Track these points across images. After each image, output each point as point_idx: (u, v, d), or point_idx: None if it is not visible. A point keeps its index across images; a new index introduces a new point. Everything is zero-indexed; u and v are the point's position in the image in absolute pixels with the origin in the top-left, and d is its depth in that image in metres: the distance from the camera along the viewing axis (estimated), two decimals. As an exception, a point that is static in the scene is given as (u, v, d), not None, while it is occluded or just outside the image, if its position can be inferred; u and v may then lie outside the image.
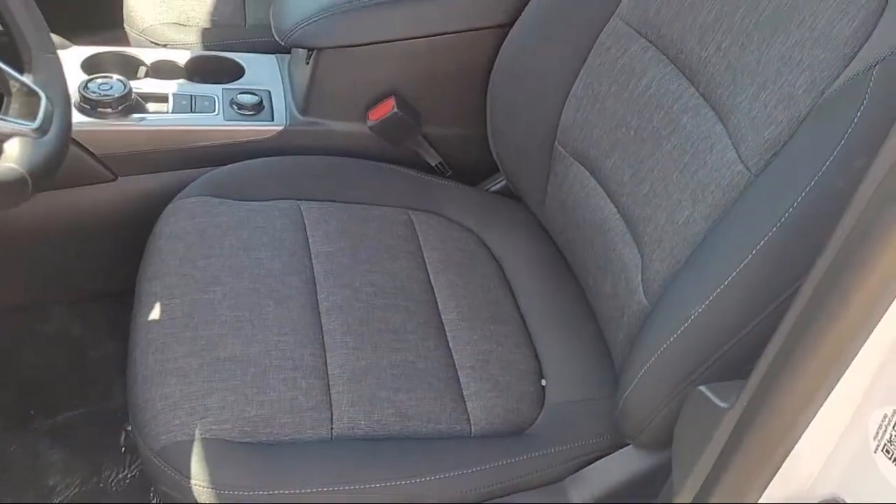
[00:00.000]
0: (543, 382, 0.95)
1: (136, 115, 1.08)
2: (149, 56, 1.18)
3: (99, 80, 1.08)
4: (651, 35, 0.91)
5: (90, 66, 1.14)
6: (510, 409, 0.90)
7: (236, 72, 1.21)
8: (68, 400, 1.19)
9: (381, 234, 1.04)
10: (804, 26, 0.73)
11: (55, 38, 1.15)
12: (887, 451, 0.53)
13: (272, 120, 1.14)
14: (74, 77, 1.09)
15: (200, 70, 1.20)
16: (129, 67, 1.17)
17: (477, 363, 0.93)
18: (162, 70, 1.17)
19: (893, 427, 0.53)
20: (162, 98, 1.12)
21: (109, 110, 1.06)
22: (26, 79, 0.74)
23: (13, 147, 0.69)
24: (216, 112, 1.12)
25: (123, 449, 1.17)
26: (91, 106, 1.06)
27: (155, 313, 0.87)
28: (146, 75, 1.16)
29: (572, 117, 1.00)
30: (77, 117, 1.05)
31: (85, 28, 1.65)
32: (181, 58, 1.20)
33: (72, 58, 1.14)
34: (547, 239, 1.11)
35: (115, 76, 1.09)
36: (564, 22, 1.01)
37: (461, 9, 1.11)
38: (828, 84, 0.70)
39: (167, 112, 1.10)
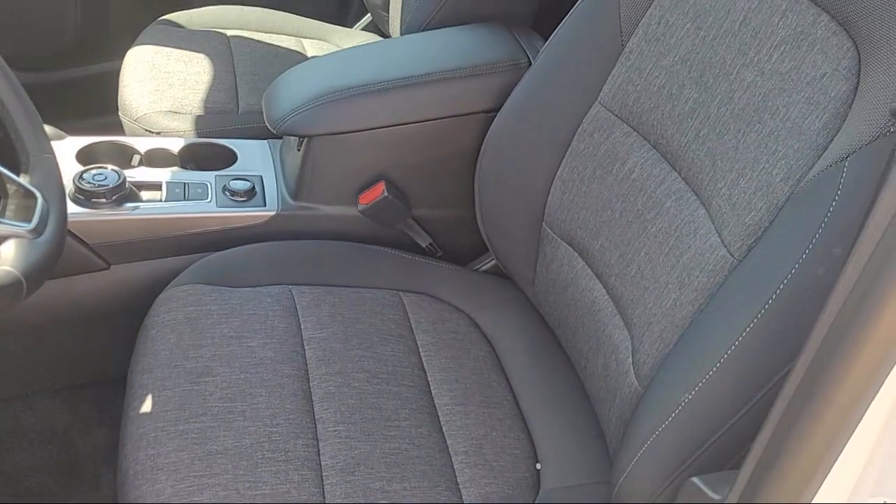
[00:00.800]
0: (538, 466, 0.94)
1: (129, 205, 1.09)
2: (143, 145, 1.21)
3: (94, 171, 1.09)
4: (632, 121, 0.94)
5: (85, 156, 1.16)
6: (505, 495, 0.90)
7: (229, 158, 1.23)
8: (56, 494, 1.17)
9: (372, 318, 1.04)
10: (778, 117, 0.76)
11: (50, 129, 1.18)
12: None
13: (264, 205, 1.16)
14: (69, 168, 1.11)
15: (194, 157, 1.22)
16: (124, 156, 1.19)
17: (471, 448, 0.93)
18: (156, 158, 1.20)
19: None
20: (156, 186, 1.14)
21: (103, 200, 1.08)
22: (23, 180, 0.76)
23: (9, 249, 0.70)
24: (209, 199, 1.14)
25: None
26: (85, 197, 1.07)
27: (146, 406, 0.87)
28: (140, 164, 1.19)
29: (559, 199, 1.03)
30: (71, 208, 1.06)
31: (80, 116, 1.70)
32: (175, 145, 1.22)
33: (67, 149, 1.16)
34: (538, 318, 1.11)
35: (110, 166, 1.11)
36: (548, 108, 1.04)
37: (448, 96, 1.15)
38: (803, 173, 0.72)
39: (161, 200, 1.12)
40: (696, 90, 0.86)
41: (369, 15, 1.75)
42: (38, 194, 0.74)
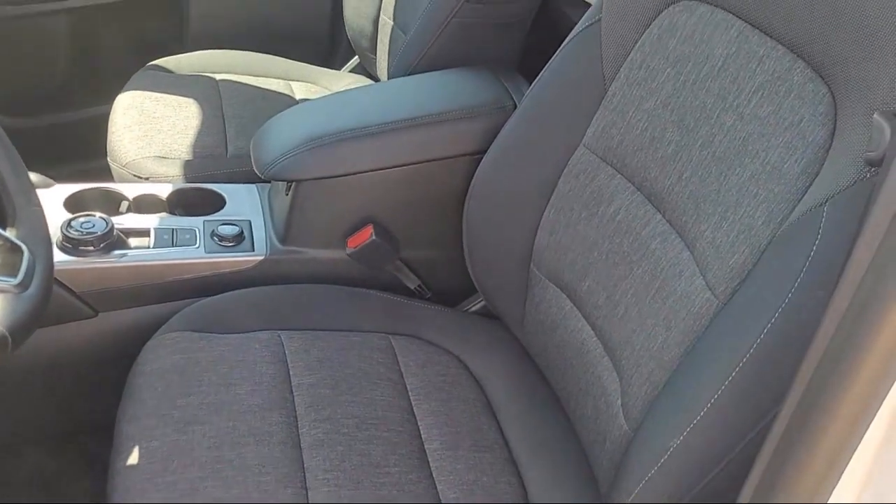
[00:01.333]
0: (530, 511, 0.94)
1: (117, 252, 1.09)
2: (131, 191, 1.21)
3: (81, 219, 1.10)
4: (616, 164, 0.95)
5: (73, 203, 1.16)
6: (497, 541, 0.89)
7: (217, 203, 1.23)
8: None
9: (361, 362, 1.04)
10: (758, 161, 0.77)
11: (38, 177, 1.19)
12: None
13: (253, 250, 1.16)
14: (57, 216, 1.11)
15: (182, 202, 1.23)
16: (112, 203, 1.20)
17: (461, 494, 0.92)
18: (144, 204, 1.20)
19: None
20: (144, 233, 1.14)
21: (91, 248, 1.08)
22: (9, 233, 0.76)
23: (-7, 303, 0.70)
24: (197, 245, 1.14)
25: None
26: (73, 245, 1.07)
27: (133, 457, 0.86)
28: (128, 210, 1.19)
29: (546, 240, 1.03)
30: (59, 256, 1.06)
31: (69, 161, 1.70)
32: (163, 191, 1.23)
33: (55, 196, 1.16)
34: (528, 359, 1.11)
35: (98, 214, 1.11)
36: (534, 150, 1.05)
37: (435, 139, 1.16)
38: (784, 216, 0.73)
39: (149, 247, 1.12)
40: (678, 133, 0.88)
41: (357, 57, 1.77)
42: (24, 248, 0.74)
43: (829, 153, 0.71)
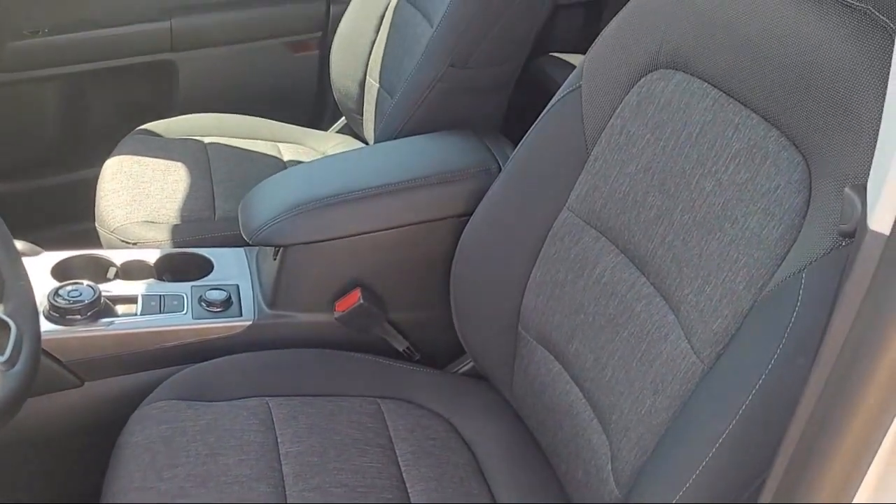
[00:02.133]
0: (522, 578, 0.92)
1: (104, 320, 1.09)
2: (118, 257, 1.21)
3: (69, 288, 1.10)
4: (600, 227, 0.97)
5: (60, 271, 1.16)
6: None
7: (205, 267, 1.24)
8: None
9: (350, 428, 1.04)
10: (737, 226, 0.79)
11: (25, 245, 1.19)
12: None
13: (240, 315, 1.16)
14: (44, 284, 1.11)
15: (170, 268, 1.23)
16: (100, 269, 1.20)
17: (453, 563, 0.91)
18: (132, 270, 1.20)
19: None
20: (131, 300, 1.14)
21: (78, 317, 1.07)
22: (-4, 309, 0.76)
23: (-21, 381, 0.69)
24: (185, 311, 1.14)
25: None
26: (60, 314, 1.07)
27: (119, 533, 0.85)
28: (116, 276, 1.19)
29: (533, 302, 1.04)
30: (45, 325, 1.06)
31: (57, 224, 1.71)
32: (151, 257, 1.23)
33: (42, 265, 1.16)
34: (518, 421, 1.11)
35: (85, 282, 1.11)
36: (519, 213, 1.07)
37: (422, 202, 1.17)
38: (765, 282, 0.74)
39: (136, 314, 1.12)
40: (659, 197, 0.89)
41: (343, 118, 1.80)
42: (11, 324, 0.74)
43: (805, 219, 0.73)
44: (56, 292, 1.09)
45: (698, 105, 0.87)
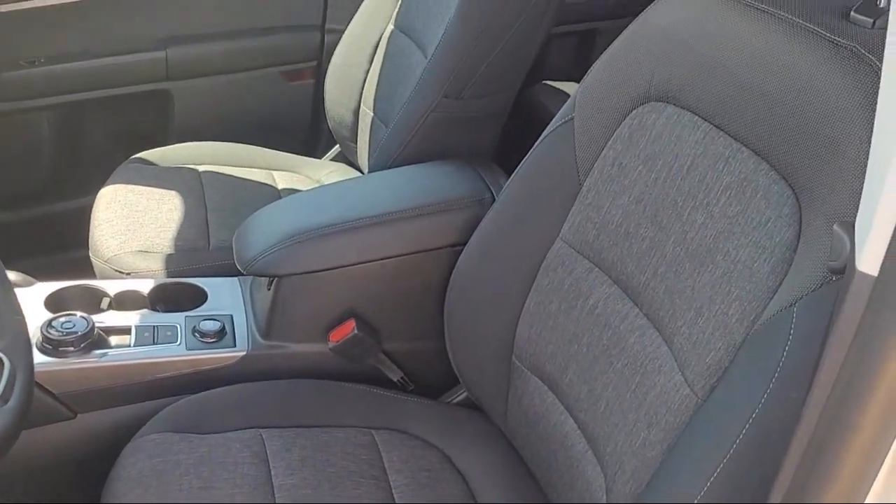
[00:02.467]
0: None
1: (97, 352, 1.09)
2: (112, 287, 1.21)
3: (62, 319, 1.09)
4: (593, 258, 0.97)
5: (54, 302, 1.16)
6: None
7: (199, 297, 1.24)
8: None
9: (344, 460, 1.03)
10: (729, 259, 0.79)
11: (19, 276, 1.19)
12: None
13: (234, 346, 1.16)
14: (38, 316, 1.11)
15: (164, 298, 1.23)
16: (93, 300, 1.20)
17: None
18: (125, 301, 1.20)
19: None
20: (125, 331, 1.14)
21: (71, 349, 1.07)
22: (-11, 345, 0.76)
23: (-28, 418, 0.69)
24: (178, 342, 1.14)
25: None
26: (53, 346, 1.07)
27: (110, 570, 0.84)
28: (109, 307, 1.19)
29: (527, 333, 1.04)
30: (38, 358, 1.06)
31: (50, 253, 1.71)
32: (145, 287, 1.23)
33: (35, 296, 1.16)
34: (512, 451, 1.11)
35: (79, 313, 1.11)
36: (513, 243, 1.07)
37: (415, 232, 1.18)
38: (757, 314, 0.75)
39: (129, 345, 1.12)
40: (651, 229, 0.90)
41: (338, 146, 1.81)
42: (5, 360, 0.74)
43: (796, 253, 0.73)
44: (49, 324, 1.08)
45: (689, 138, 0.88)
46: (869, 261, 0.46)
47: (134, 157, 1.63)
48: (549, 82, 1.90)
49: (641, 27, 0.96)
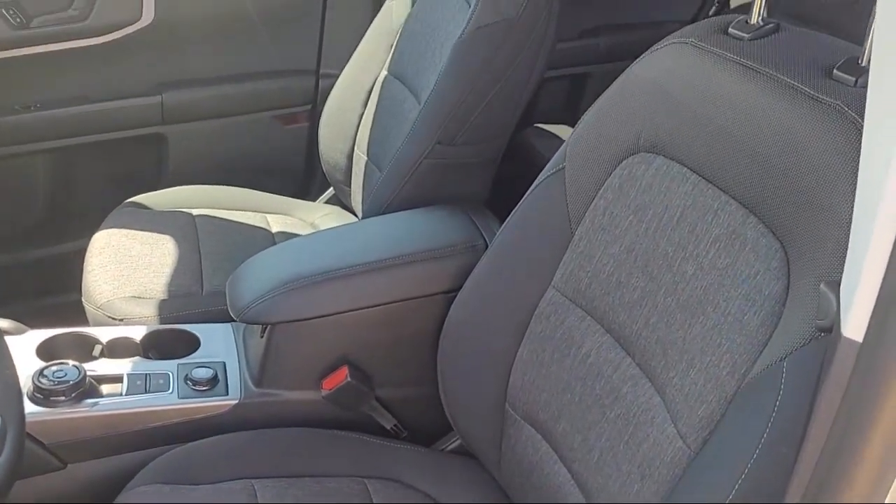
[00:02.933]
0: None
1: (88, 401, 1.08)
2: (105, 334, 1.21)
3: (54, 368, 1.09)
4: (586, 306, 0.98)
5: (46, 349, 1.16)
6: None
7: (192, 344, 1.23)
8: None
9: (337, 511, 1.02)
10: (719, 311, 0.80)
11: (11, 323, 1.19)
12: None
13: (227, 394, 1.15)
14: (29, 365, 1.10)
15: (156, 344, 1.23)
16: (85, 347, 1.19)
17: None
18: (118, 348, 1.20)
19: None
20: (116, 379, 1.13)
21: (62, 398, 1.07)
22: (-21, 400, 0.76)
23: (-39, 475, 0.69)
24: (170, 390, 1.13)
25: None
26: (44, 395, 1.06)
27: None
28: (102, 354, 1.18)
29: (520, 381, 1.04)
30: (29, 408, 1.05)
31: (43, 296, 1.71)
32: (137, 334, 1.23)
33: (27, 344, 1.15)
34: (506, 500, 1.10)
35: (71, 362, 1.11)
36: (506, 290, 1.08)
37: (409, 278, 1.18)
38: (748, 367, 0.75)
39: (121, 394, 1.11)
40: (643, 279, 0.91)
41: (332, 189, 1.82)
42: (-5, 415, 0.74)
43: (785, 306, 0.74)
44: (41, 373, 1.08)
45: (678, 189, 0.89)
46: (854, 324, 0.47)
47: (128, 201, 1.64)
48: (540, 126, 1.93)
49: (630, 80, 0.98)
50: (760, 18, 0.88)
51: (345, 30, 1.83)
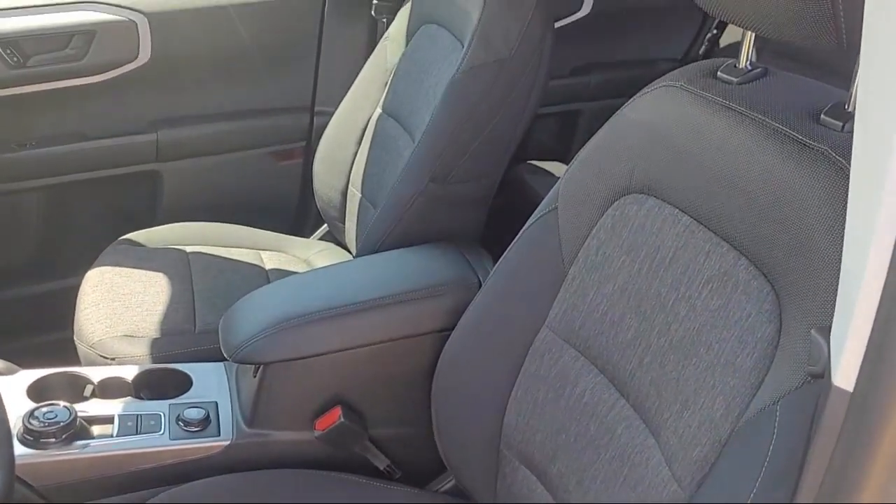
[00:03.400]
0: None
1: (79, 443, 1.07)
2: (96, 374, 1.20)
3: (44, 409, 1.08)
4: (579, 346, 0.98)
5: (37, 390, 1.15)
6: None
7: (184, 384, 1.23)
8: None
9: (329, 555, 1.01)
10: (712, 352, 0.80)
11: (2, 364, 1.18)
12: None
13: (218, 435, 1.14)
14: (20, 406, 1.09)
15: (148, 384, 1.22)
16: (77, 387, 1.18)
17: None
18: (109, 388, 1.19)
19: None
20: (107, 420, 1.12)
21: (52, 440, 1.06)
22: (-32, 445, 0.75)
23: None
24: (162, 431, 1.12)
25: None
26: (34, 437, 1.05)
27: None
28: (93, 395, 1.17)
29: (514, 421, 1.03)
30: (19, 449, 1.04)
31: (35, 333, 1.70)
32: (129, 373, 1.22)
33: (18, 384, 1.15)
34: (500, 542, 1.09)
35: (62, 403, 1.10)
36: (499, 330, 1.07)
37: (402, 317, 1.18)
38: (742, 410, 0.75)
39: (112, 436, 1.10)
40: (636, 319, 0.91)
41: (326, 225, 1.83)
42: (-17, 460, 0.73)
43: (777, 349, 0.74)
44: (31, 414, 1.07)
45: (671, 230, 0.89)
46: (845, 376, 0.47)
47: (122, 238, 1.64)
48: (533, 162, 1.94)
49: (621, 122, 0.99)
50: (748, 63, 0.89)
51: (340, 68, 1.85)
